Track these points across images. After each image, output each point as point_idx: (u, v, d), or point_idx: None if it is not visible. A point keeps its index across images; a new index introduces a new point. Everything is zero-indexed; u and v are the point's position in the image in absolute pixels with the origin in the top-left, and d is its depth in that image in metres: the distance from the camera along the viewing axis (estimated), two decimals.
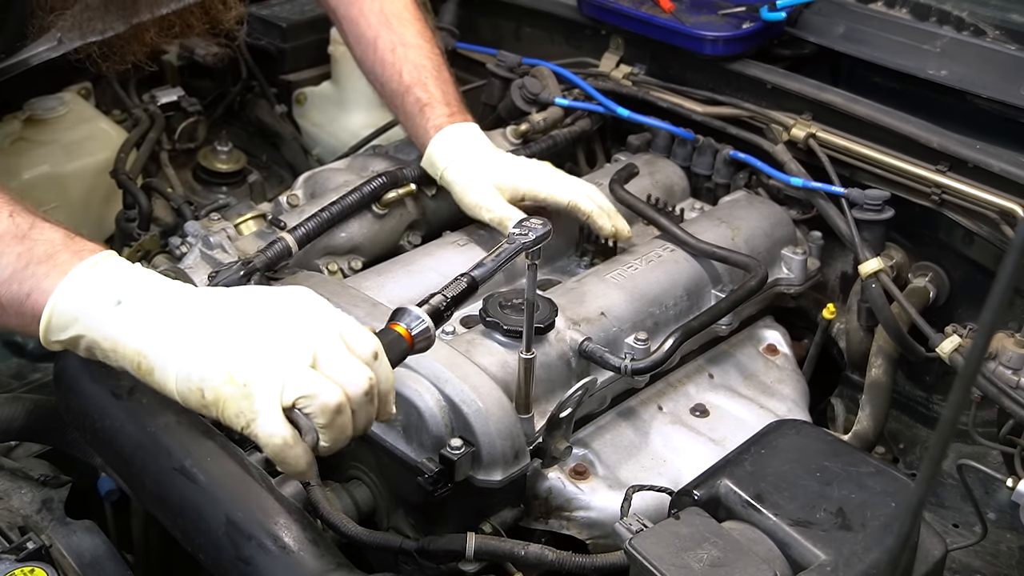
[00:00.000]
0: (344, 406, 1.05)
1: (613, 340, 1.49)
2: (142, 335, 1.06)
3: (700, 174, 1.96)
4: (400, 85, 1.73)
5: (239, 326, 1.06)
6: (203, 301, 1.09)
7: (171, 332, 1.06)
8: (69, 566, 1.36)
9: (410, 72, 1.73)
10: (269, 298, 1.10)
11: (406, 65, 1.73)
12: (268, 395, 1.03)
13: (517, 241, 1.30)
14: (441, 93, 1.72)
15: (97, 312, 1.06)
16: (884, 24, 1.95)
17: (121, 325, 1.06)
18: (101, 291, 1.07)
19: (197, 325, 1.06)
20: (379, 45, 1.75)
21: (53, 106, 2.06)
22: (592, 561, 1.27)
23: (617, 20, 2.11)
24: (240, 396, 1.03)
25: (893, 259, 1.82)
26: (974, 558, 1.58)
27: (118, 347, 1.07)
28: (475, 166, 1.66)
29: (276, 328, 1.06)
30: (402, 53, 1.74)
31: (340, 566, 1.21)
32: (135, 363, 1.07)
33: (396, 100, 1.75)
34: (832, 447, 1.27)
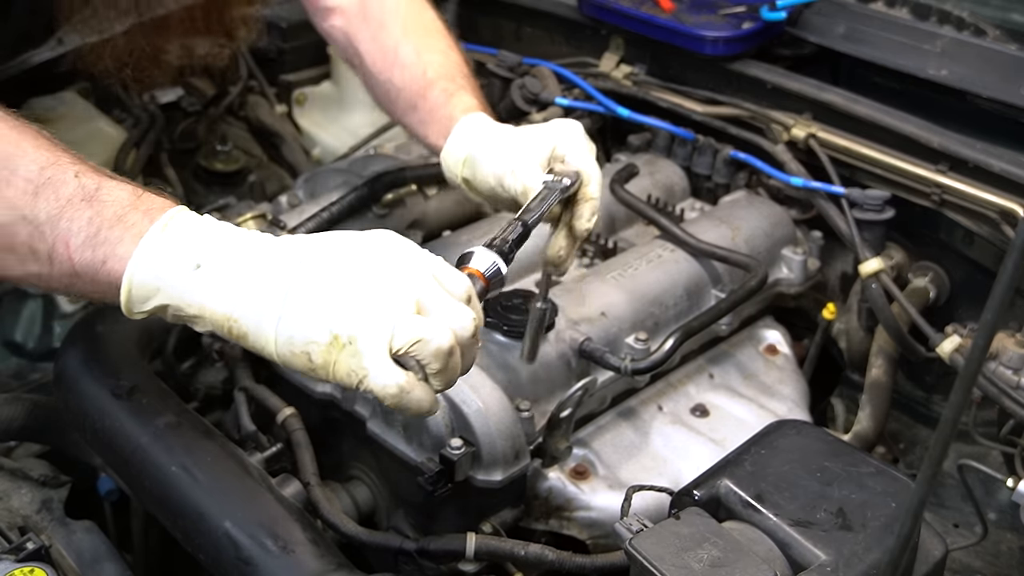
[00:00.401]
0: (455, 347, 1.01)
1: (613, 340, 1.49)
2: (229, 298, 1.00)
3: (700, 174, 1.96)
4: (424, 81, 1.57)
5: (333, 278, 1.00)
6: (289, 253, 1.02)
7: (260, 292, 1.00)
8: (69, 566, 1.36)
9: (436, 70, 1.58)
10: (358, 245, 1.04)
11: (431, 66, 1.59)
12: (376, 347, 0.98)
13: (554, 187, 1.31)
14: (471, 89, 1.59)
15: (177, 279, 1.00)
16: (884, 24, 1.95)
17: (204, 290, 1.00)
18: (177, 256, 1.01)
19: (287, 281, 1.00)
20: (400, 52, 1.61)
21: (53, 106, 2.05)
22: (592, 561, 1.27)
23: (617, 20, 2.11)
24: (348, 354, 0.98)
25: (893, 259, 1.82)
26: (975, 558, 1.58)
27: (205, 313, 1.01)
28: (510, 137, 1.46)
29: (373, 276, 1.01)
30: (428, 58, 1.60)
31: (340, 566, 1.21)
32: (225, 328, 1.01)
33: (417, 100, 1.57)
34: (832, 447, 1.27)
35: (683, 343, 1.49)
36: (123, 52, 1.72)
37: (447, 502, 1.33)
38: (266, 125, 2.34)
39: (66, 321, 1.97)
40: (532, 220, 1.25)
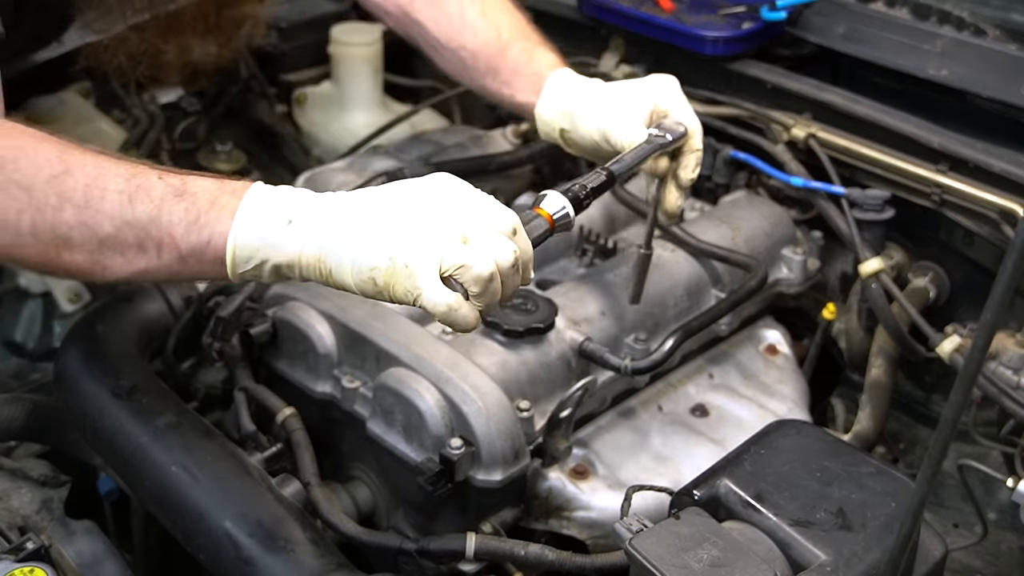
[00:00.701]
0: (495, 275, 1.13)
1: (613, 340, 1.49)
2: (317, 243, 1.14)
3: (700, 174, 1.95)
4: (499, 43, 1.64)
5: (395, 214, 1.14)
6: (360, 200, 1.17)
7: (339, 233, 1.14)
8: (69, 566, 1.36)
9: (508, 31, 1.65)
10: (418, 187, 1.18)
11: (502, 26, 1.65)
12: (427, 270, 1.11)
13: (655, 142, 1.35)
14: (546, 45, 1.65)
15: (274, 235, 1.14)
16: (884, 24, 1.95)
17: (296, 240, 1.14)
18: (272, 216, 1.15)
19: (358, 221, 1.14)
20: (466, 15, 1.66)
21: (53, 106, 2.06)
22: (592, 561, 1.27)
23: (617, 20, 2.10)
24: (404, 276, 1.11)
25: (893, 259, 1.82)
26: (974, 558, 1.58)
27: (301, 259, 1.15)
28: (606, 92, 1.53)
29: (427, 211, 1.14)
30: (496, 17, 1.66)
31: (340, 566, 1.21)
32: (316, 269, 1.15)
33: (497, 61, 1.64)
34: (832, 447, 1.27)
35: (683, 343, 1.49)
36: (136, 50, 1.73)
37: (447, 502, 1.33)
38: (266, 125, 2.34)
39: (66, 321, 1.97)
40: (619, 170, 1.31)
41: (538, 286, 1.62)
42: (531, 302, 1.44)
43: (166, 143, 2.18)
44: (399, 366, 1.36)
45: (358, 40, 2.37)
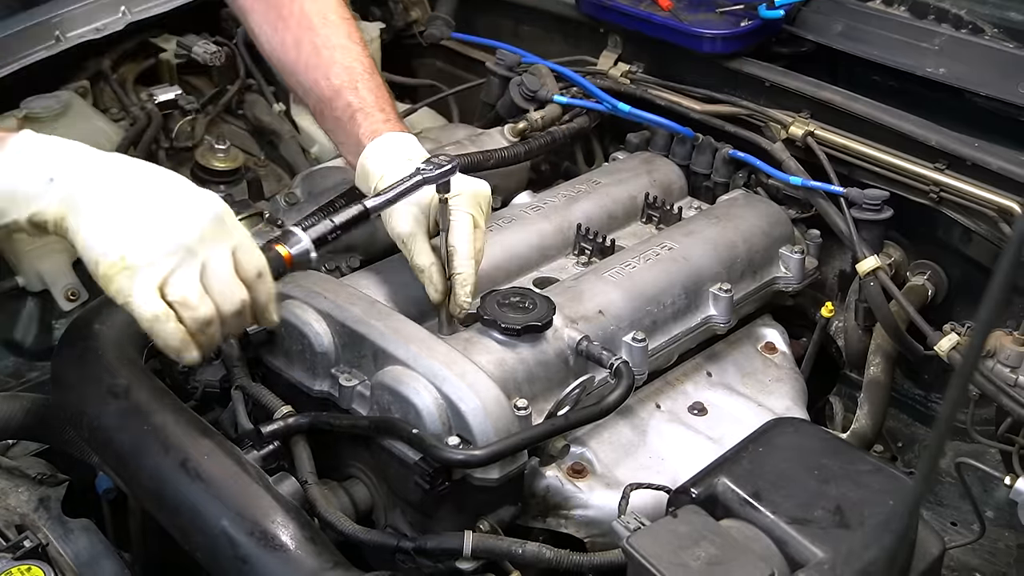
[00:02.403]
0: (214, 320, 1.16)
1: (611, 338, 1.49)
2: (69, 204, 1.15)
3: (699, 172, 1.95)
4: (328, 89, 1.57)
5: (148, 214, 1.15)
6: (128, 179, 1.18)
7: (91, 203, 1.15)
8: (66, 564, 1.36)
9: (338, 75, 1.57)
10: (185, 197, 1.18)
11: (333, 68, 1.57)
12: (147, 280, 1.13)
13: (420, 174, 1.36)
14: (374, 98, 1.56)
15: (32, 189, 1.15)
16: (882, 22, 1.95)
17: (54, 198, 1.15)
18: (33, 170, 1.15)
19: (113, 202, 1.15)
20: (302, 48, 1.59)
21: (50, 105, 2.05)
22: (590, 559, 1.27)
23: (615, 18, 2.10)
24: (124, 276, 1.13)
25: (891, 257, 1.82)
26: (972, 556, 1.58)
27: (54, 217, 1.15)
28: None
29: (182, 223, 1.15)
30: (328, 56, 1.58)
31: (337, 564, 1.21)
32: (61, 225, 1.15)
33: (323, 106, 1.59)
34: (830, 445, 1.27)
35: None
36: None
37: (444, 500, 1.33)
38: (264, 123, 2.34)
39: (64, 320, 1.97)
40: (374, 207, 1.34)
41: (536, 284, 1.62)
42: (529, 300, 1.44)
43: (164, 141, 2.18)
44: (396, 364, 1.35)
45: None
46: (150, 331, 1.16)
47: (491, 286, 1.56)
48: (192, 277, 1.15)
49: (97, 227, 1.14)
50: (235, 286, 1.18)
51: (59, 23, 2.04)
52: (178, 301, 1.14)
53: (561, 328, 1.45)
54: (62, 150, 1.18)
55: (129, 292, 1.14)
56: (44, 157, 1.17)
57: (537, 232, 1.70)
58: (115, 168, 1.19)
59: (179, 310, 1.15)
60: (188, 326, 1.16)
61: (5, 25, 1.98)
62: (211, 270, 1.16)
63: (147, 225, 1.15)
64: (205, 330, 1.17)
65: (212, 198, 1.20)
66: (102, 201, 1.15)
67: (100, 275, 1.15)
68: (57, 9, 2.04)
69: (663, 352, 1.56)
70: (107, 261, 1.13)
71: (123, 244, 1.13)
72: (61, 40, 2.04)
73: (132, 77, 2.30)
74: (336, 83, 1.57)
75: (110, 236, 1.14)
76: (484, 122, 2.11)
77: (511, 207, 1.80)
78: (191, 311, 1.15)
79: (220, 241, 1.17)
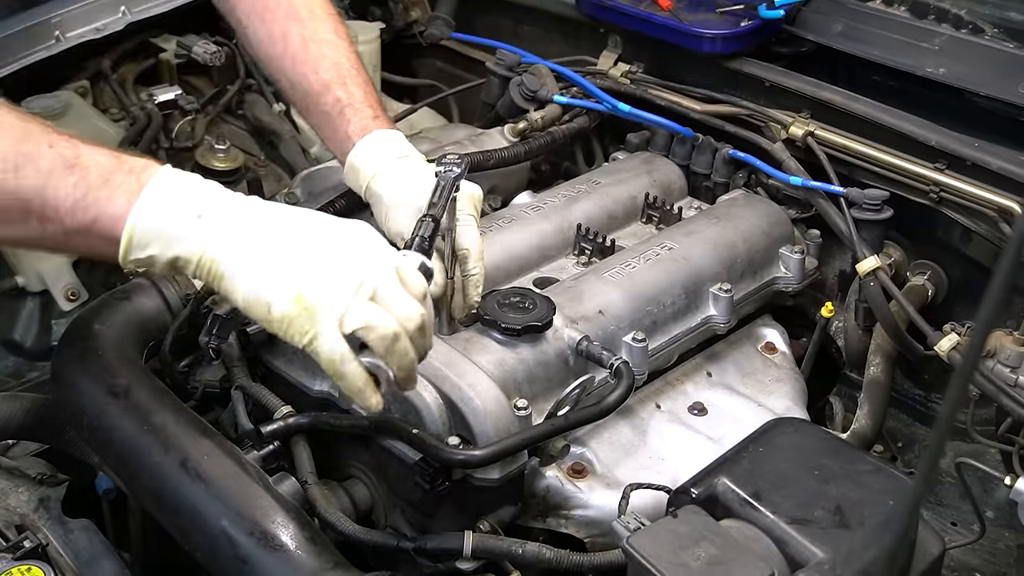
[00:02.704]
0: (401, 335, 1.13)
1: (611, 338, 1.49)
2: (220, 246, 1.12)
3: (699, 172, 1.95)
4: (316, 83, 1.56)
5: (311, 250, 1.13)
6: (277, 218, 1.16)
7: (247, 245, 1.12)
8: (66, 564, 1.36)
9: (327, 70, 1.56)
10: (338, 228, 1.17)
11: (322, 62, 1.57)
12: (330, 316, 1.10)
13: (449, 177, 1.39)
14: (363, 94, 1.56)
15: (179, 227, 1.12)
16: (882, 22, 1.95)
17: (203, 237, 1.12)
18: (179, 206, 1.13)
19: (271, 241, 1.13)
20: (289, 41, 1.58)
21: (51, 104, 2.05)
22: (590, 559, 1.27)
23: (615, 18, 2.10)
24: (305, 317, 1.10)
25: (891, 257, 1.82)
26: (972, 556, 1.58)
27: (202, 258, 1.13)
28: (403, 185, 1.48)
29: (343, 255, 1.13)
30: (316, 49, 1.57)
31: (337, 564, 1.21)
32: (207, 268, 1.13)
33: (309, 100, 1.58)
34: (830, 445, 1.27)
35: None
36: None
37: (444, 500, 1.33)
38: (264, 124, 2.34)
39: (64, 319, 1.97)
40: (439, 213, 1.36)
41: (536, 284, 1.62)
42: (529, 300, 1.44)
43: (164, 141, 2.18)
44: None
45: (356, 38, 2.37)
46: (337, 373, 1.13)
47: (491, 286, 1.56)
48: (368, 305, 1.12)
49: (260, 269, 1.11)
50: (412, 303, 1.15)
51: (59, 23, 2.04)
52: (362, 327, 1.11)
53: (561, 328, 1.45)
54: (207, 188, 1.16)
55: (315, 334, 1.10)
56: (190, 195, 1.14)
57: (537, 232, 1.70)
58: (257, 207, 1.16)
59: (364, 335, 1.11)
60: (376, 348, 1.12)
61: (5, 25, 1.98)
62: (383, 294, 1.13)
63: (314, 261, 1.12)
64: (394, 348, 1.13)
65: (363, 225, 1.18)
66: (257, 241, 1.12)
67: (275, 318, 1.11)
68: (57, 9, 2.04)
69: (663, 352, 1.56)
70: (282, 303, 1.10)
71: (296, 283, 1.10)
72: (61, 40, 2.04)
73: (132, 77, 2.29)
74: (325, 78, 1.56)
75: (278, 277, 1.11)
76: (484, 122, 2.11)
77: (511, 207, 1.80)
78: (376, 331, 1.11)
79: (385, 266, 1.15)
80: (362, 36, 2.37)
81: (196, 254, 1.12)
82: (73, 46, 2.06)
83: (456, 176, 1.40)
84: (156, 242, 1.12)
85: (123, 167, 1.14)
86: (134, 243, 1.12)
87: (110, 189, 1.12)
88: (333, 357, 1.11)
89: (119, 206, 1.11)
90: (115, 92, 2.23)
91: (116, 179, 1.12)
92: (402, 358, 1.14)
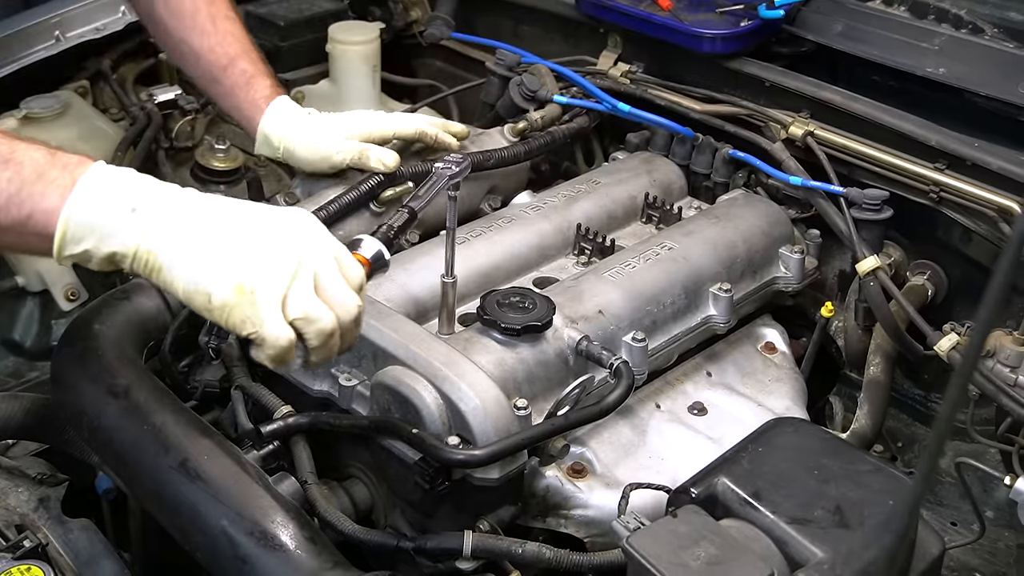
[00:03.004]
0: (336, 331, 1.14)
1: (611, 338, 1.49)
2: (156, 238, 1.12)
3: (699, 172, 1.95)
4: (223, 56, 1.71)
5: (248, 237, 1.13)
6: (213, 208, 1.16)
7: (183, 235, 1.12)
8: (66, 564, 1.36)
9: (233, 45, 1.72)
10: (276, 215, 1.17)
11: (227, 37, 1.72)
12: (273, 302, 1.10)
13: (444, 174, 1.40)
14: (264, 67, 1.74)
15: (113, 221, 1.12)
16: (882, 22, 1.95)
17: (137, 231, 1.12)
18: (113, 201, 1.12)
19: (208, 231, 1.13)
20: (198, 16, 1.71)
21: (50, 104, 2.05)
22: (589, 559, 1.27)
23: (615, 18, 2.10)
24: (247, 303, 1.10)
25: (891, 257, 1.82)
26: (972, 556, 1.58)
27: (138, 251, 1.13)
28: (318, 126, 1.68)
29: (280, 241, 1.13)
30: (223, 26, 1.72)
31: (337, 564, 1.21)
32: (144, 261, 1.13)
33: (216, 71, 1.71)
34: (830, 445, 1.27)
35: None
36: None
37: (444, 500, 1.33)
38: None
39: (64, 320, 1.97)
40: (419, 207, 1.38)
41: (536, 284, 1.62)
42: (529, 300, 1.44)
43: (164, 141, 2.18)
44: (396, 364, 1.35)
45: (356, 38, 2.38)
46: (277, 358, 1.13)
47: (491, 286, 1.56)
48: (309, 291, 1.12)
49: (198, 259, 1.11)
50: (349, 294, 1.15)
51: (59, 23, 2.04)
52: (300, 318, 1.11)
53: (561, 328, 1.45)
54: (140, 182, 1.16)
55: (259, 319, 1.10)
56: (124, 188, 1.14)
57: (537, 232, 1.70)
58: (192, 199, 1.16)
59: (302, 327, 1.12)
60: (310, 341, 1.13)
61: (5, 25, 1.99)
62: (324, 281, 1.14)
63: (251, 246, 1.12)
64: (328, 343, 1.14)
65: (302, 212, 1.19)
66: (193, 232, 1.12)
67: (215, 307, 1.11)
68: (57, 9, 2.04)
69: (663, 352, 1.56)
70: (222, 291, 1.10)
71: (234, 270, 1.10)
72: (61, 40, 2.05)
73: (132, 77, 2.30)
74: (232, 51, 1.71)
75: (215, 264, 1.11)
76: (484, 122, 2.11)
77: (511, 207, 1.80)
78: (315, 324, 1.12)
79: (324, 251, 1.16)
80: (362, 36, 2.37)
81: (131, 248, 1.12)
82: (73, 46, 2.06)
83: (453, 174, 1.40)
84: (90, 237, 1.12)
85: (57, 163, 1.14)
86: (68, 238, 1.12)
87: (43, 184, 1.12)
88: (282, 343, 1.11)
89: (52, 201, 1.12)
90: (115, 92, 2.23)
91: (50, 174, 1.13)
92: (329, 352, 1.16)
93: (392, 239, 1.33)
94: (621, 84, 2.08)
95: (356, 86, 2.38)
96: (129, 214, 1.12)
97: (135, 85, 2.29)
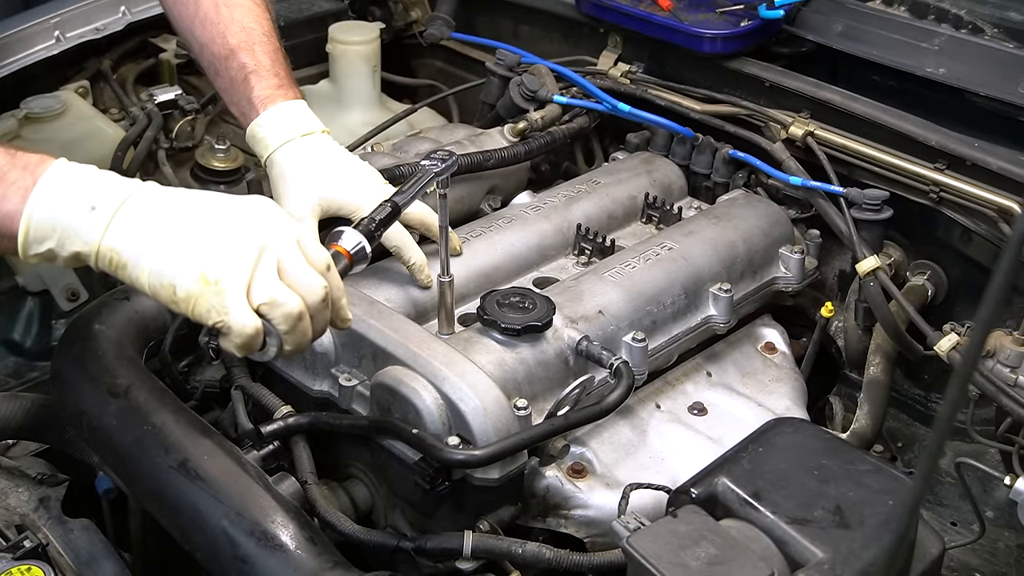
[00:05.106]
0: (304, 313, 1.14)
1: (611, 338, 1.49)
2: (116, 235, 1.12)
3: (699, 172, 1.95)
4: (223, 48, 1.57)
5: (208, 227, 1.13)
6: (172, 200, 1.15)
7: (144, 230, 1.12)
8: (66, 564, 1.36)
9: (235, 34, 1.57)
10: (235, 203, 1.17)
11: (232, 26, 1.57)
12: (238, 290, 1.10)
13: (430, 170, 1.39)
14: (270, 62, 1.57)
15: (74, 220, 1.12)
16: (882, 22, 1.95)
17: (98, 228, 1.12)
18: (72, 199, 1.12)
19: (168, 224, 1.13)
20: (201, 3, 1.59)
21: (50, 104, 2.05)
22: (589, 559, 1.27)
23: (615, 18, 2.10)
24: (212, 293, 1.10)
25: (891, 257, 1.82)
26: (972, 556, 1.58)
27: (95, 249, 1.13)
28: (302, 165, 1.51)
29: (240, 227, 1.13)
30: (227, 13, 1.58)
31: (337, 564, 1.21)
32: (107, 259, 1.13)
33: (217, 64, 1.58)
34: (830, 445, 1.27)
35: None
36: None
37: (444, 500, 1.33)
38: None
39: (64, 320, 1.97)
40: (402, 201, 1.37)
41: (536, 284, 1.62)
42: (529, 300, 1.44)
43: (164, 141, 2.18)
44: (396, 364, 1.36)
45: (356, 38, 2.38)
46: (246, 347, 1.13)
47: (491, 286, 1.56)
48: (273, 276, 1.12)
49: (159, 251, 1.11)
50: (314, 275, 1.15)
51: (59, 23, 2.04)
52: (266, 303, 1.11)
53: (561, 328, 1.45)
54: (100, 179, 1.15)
55: (223, 308, 1.10)
56: (83, 187, 1.14)
57: (537, 232, 1.71)
58: (151, 193, 1.16)
59: (268, 312, 1.12)
60: (279, 326, 1.13)
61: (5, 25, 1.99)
62: (287, 265, 1.13)
63: (212, 235, 1.12)
64: (297, 326, 1.14)
65: (261, 198, 1.19)
66: (154, 225, 1.12)
67: (181, 298, 1.11)
68: (57, 9, 2.04)
69: (663, 352, 1.56)
70: (186, 281, 1.10)
71: (196, 260, 1.10)
72: (61, 40, 2.05)
73: (132, 77, 2.30)
74: (232, 42, 1.57)
75: (178, 256, 1.11)
76: (484, 122, 2.11)
77: (511, 207, 1.80)
78: (281, 308, 1.12)
79: (286, 235, 1.15)
80: (363, 36, 2.37)
81: (94, 246, 1.13)
82: (73, 46, 2.06)
83: (439, 171, 1.38)
84: (53, 236, 1.13)
85: (17, 163, 1.14)
86: (31, 238, 1.13)
87: (5, 186, 1.13)
88: (248, 332, 1.11)
89: (14, 202, 1.12)
90: (115, 92, 2.23)
91: (11, 176, 1.13)
92: (302, 336, 1.15)
93: (374, 232, 1.32)
94: (621, 84, 2.08)
95: (356, 86, 2.38)
96: (88, 212, 1.12)
97: (135, 85, 2.29)
